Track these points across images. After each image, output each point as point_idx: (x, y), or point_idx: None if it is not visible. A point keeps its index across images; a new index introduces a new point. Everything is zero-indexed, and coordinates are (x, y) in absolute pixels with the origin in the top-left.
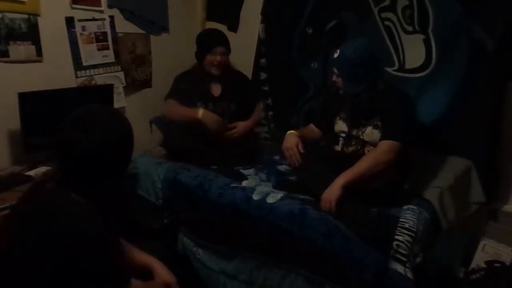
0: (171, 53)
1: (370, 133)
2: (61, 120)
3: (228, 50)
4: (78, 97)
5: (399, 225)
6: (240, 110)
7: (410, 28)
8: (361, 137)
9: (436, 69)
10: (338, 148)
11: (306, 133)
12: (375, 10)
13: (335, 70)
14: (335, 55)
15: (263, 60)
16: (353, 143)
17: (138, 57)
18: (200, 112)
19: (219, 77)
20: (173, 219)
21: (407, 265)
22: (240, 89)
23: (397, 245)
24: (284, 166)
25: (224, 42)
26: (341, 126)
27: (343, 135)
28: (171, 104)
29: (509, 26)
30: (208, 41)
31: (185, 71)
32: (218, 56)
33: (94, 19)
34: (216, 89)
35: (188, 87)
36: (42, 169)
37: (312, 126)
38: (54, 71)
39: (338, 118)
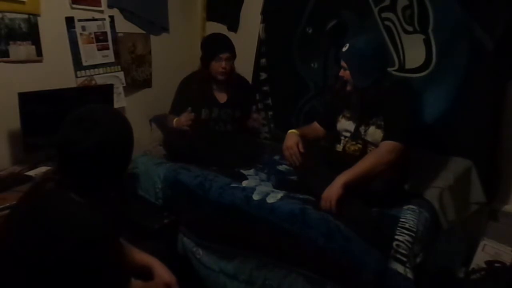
0: (171, 53)
1: (373, 133)
2: (61, 120)
3: (233, 56)
4: (78, 97)
5: (399, 225)
6: (244, 116)
7: (410, 28)
8: (363, 136)
9: (436, 69)
10: (339, 147)
11: (308, 132)
12: (375, 10)
13: (343, 64)
14: (344, 49)
15: (263, 60)
16: (355, 142)
17: (138, 57)
18: (174, 121)
19: (225, 83)
20: (173, 219)
21: (407, 265)
22: (245, 96)
23: (397, 245)
24: (284, 165)
25: (229, 48)
26: (343, 124)
27: (346, 134)
28: (171, 118)
29: (509, 26)
30: (214, 48)
31: (189, 75)
32: (223, 63)
33: (94, 19)
34: (221, 95)
35: (193, 93)
36: (42, 169)
37: (315, 124)
38: (54, 71)
39: (341, 117)
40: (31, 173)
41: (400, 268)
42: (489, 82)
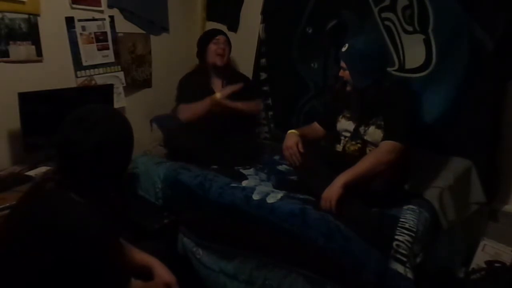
0: (171, 53)
1: (372, 133)
2: (61, 120)
3: (229, 43)
4: (78, 97)
5: (399, 225)
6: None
7: (410, 28)
8: (363, 136)
9: (436, 69)
10: (339, 147)
11: (308, 132)
12: (375, 10)
13: (343, 64)
14: (344, 49)
15: (263, 60)
16: (354, 142)
17: (138, 57)
18: (211, 97)
19: (223, 77)
20: (173, 219)
21: (407, 265)
22: (245, 91)
23: (397, 245)
24: (284, 165)
25: (224, 33)
26: (343, 124)
27: (346, 134)
28: (183, 108)
29: (509, 26)
30: (210, 32)
31: (188, 73)
32: (221, 45)
33: (94, 19)
34: (220, 90)
35: (192, 88)
36: (42, 169)
37: (315, 124)
38: (54, 71)
39: (341, 117)
40: (31, 173)
41: (400, 268)
42: (489, 82)
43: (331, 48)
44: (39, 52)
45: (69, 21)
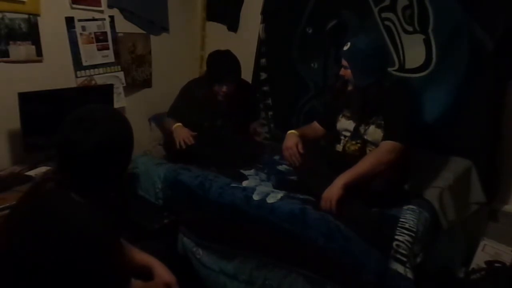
0: (171, 53)
1: (373, 132)
2: (61, 120)
3: (237, 80)
4: (78, 97)
5: (399, 225)
6: (244, 123)
7: (410, 28)
8: (363, 136)
9: (436, 69)
10: (339, 147)
11: (308, 132)
12: (375, 10)
13: (344, 63)
14: (345, 48)
15: (263, 60)
16: (354, 142)
17: (138, 57)
18: (174, 126)
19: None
20: (173, 219)
21: (407, 265)
22: (249, 100)
23: (397, 245)
24: (284, 165)
25: (234, 76)
26: (344, 124)
27: (346, 133)
28: (166, 123)
29: (509, 26)
30: (218, 73)
31: (194, 80)
32: (224, 87)
33: (94, 19)
34: (225, 106)
35: (196, 101)
36: (42, 169)
37: (315, 124)
38: (54, 71)
39: (341, 116)
40: (31, 173)
41: (400, 268)
42: (489, 82)
43: (331, 48)
44: (39, 52)
45: (69, 21)
